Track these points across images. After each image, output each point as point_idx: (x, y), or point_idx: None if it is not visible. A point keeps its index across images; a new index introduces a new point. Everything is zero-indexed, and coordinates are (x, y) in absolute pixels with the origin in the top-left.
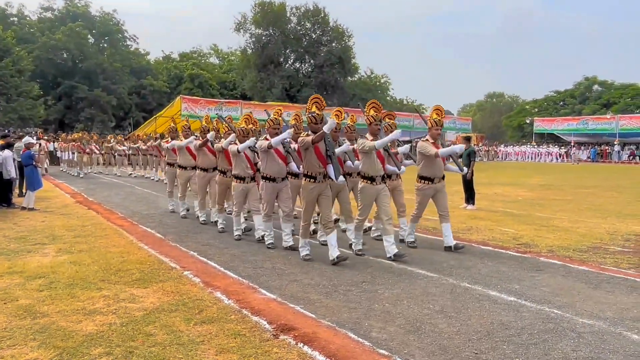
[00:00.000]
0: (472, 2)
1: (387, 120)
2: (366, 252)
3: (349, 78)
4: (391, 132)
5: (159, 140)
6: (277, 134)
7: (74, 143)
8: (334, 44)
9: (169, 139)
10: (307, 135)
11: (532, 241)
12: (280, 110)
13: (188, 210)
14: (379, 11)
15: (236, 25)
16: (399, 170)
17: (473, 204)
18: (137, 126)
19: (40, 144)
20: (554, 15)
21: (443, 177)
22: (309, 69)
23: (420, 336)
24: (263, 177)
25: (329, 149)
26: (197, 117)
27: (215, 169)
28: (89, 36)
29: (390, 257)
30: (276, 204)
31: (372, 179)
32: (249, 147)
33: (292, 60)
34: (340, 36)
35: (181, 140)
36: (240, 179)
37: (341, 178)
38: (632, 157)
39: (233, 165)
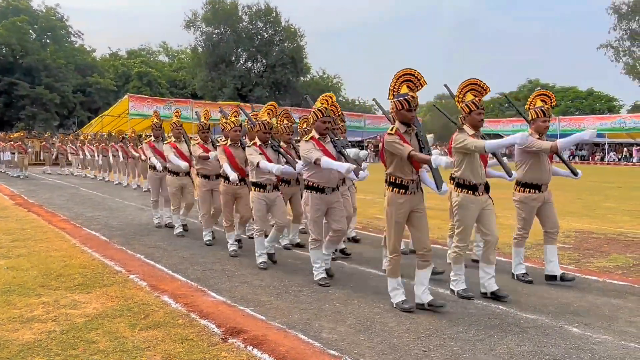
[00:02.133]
0: (420, 5)
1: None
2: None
3: (302, 78)
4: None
5: (132, 140)
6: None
7: (12, 143)
8: (285, 44)
9: (152, 138)
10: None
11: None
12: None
13: (185, 226)
14: (329, 14)
15: (186, 23)
16: (510, 175)
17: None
18: (81, 125)
19: None
20: (498, 20)
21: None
22: (261, 69)
23: (371, 335)
24: (309, 188)
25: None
26: (145, 116)
27: (218, 176)
28: (31, 31)
29: (487, 293)
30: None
31: (474, 188)
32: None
33: (243, 60)
34: (292, 36)
35: (169, 140)
36: (261, 187)
37: (444, 187)
38: (572, 157)
39: (250, 170)
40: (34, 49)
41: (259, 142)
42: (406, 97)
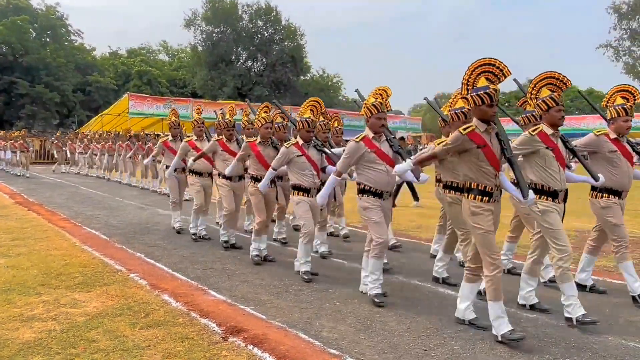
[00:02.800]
0: (418, 3)
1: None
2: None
3: (302, 77)
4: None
5: (141, 139)
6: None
7: (13, 142)
8: (286, 43)
9: (169, 137)
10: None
11: None
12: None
13: (205, 234)
14: (329, 13)
15: (186, 22)
16: (597, 180)
17: (417, 200)
18: (81, 124)
19: None
20: (497, 18)
21: None
22: (261, 68)
23: (371, 334)
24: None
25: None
26: (144, 115)
27: (241, 177)
28: (31, 30)
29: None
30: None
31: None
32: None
33: (244, 59)
34: (292, 35)
35: (193, 139)
36: (304, 191)
37: (531, 195)
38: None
39: (289, 171)
40: (33, 48)
41: (300, 142)
42: (487, 91)
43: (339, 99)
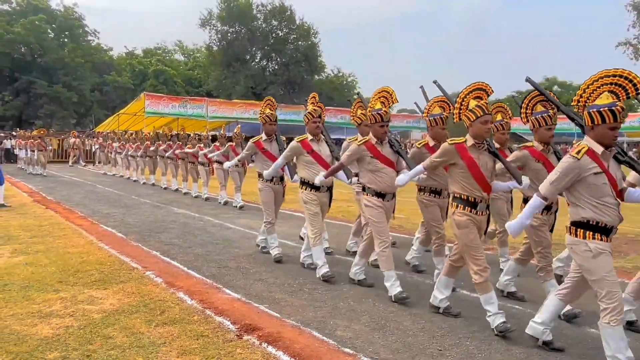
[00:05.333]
0: (432, 2)
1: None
2: (334, 250)
3: (316, 76)
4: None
5: (182, 139)
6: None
7: (32, 141)
8: (300, 42)
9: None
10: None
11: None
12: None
13: (309, 262)
14: (343, 11)
15: (201, 22)
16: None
17: None
18: (98, 123)
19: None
20: (514, 16)
21: None
22: (276, 67)
23: (385, 334)
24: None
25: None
26: (160, 114)
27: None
28: (49, 30)
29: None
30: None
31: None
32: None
33: (258, 58)
34: (306, 34)
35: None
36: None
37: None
38: None
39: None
40: (52, 48)
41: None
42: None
43: (354, 97)
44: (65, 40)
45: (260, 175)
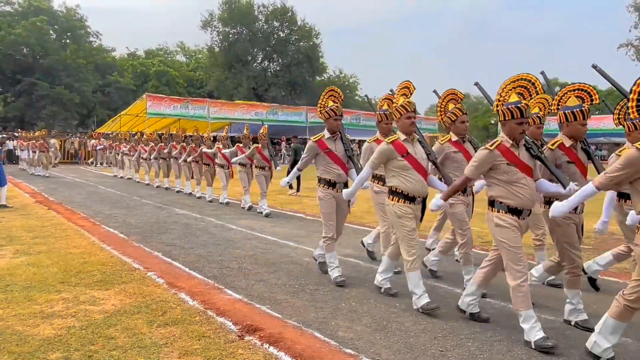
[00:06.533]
0: (434, 2)
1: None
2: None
3: (317, 77)
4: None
5: (195, 140)
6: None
7: (34, 142)
8: (301, 43)
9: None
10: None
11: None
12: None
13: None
14: (345, 12)
15: (203, 23)
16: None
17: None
18: (100, 124)
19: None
20: (515, 17)
21: None
22: (277, 68)
23: (387, 335)
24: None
25: None
26: (162, 115)
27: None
28: (51, 31)
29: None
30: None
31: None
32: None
33: (259, 59)
34: (307, 35)
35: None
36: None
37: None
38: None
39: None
40: (54, 49)
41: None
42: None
43: (355, 99)
44: (67, 41)
45: (321, 180)
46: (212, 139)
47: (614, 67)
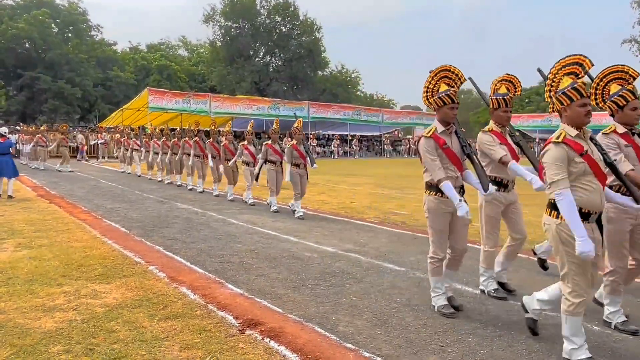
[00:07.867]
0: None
1: None
2: (337, 246)
3: (319, 72)
4: None
5: (212, 135)
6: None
7: (39, 135)
8: (303, 37)
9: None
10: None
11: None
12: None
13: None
14: (347, 7)
15: (205, 17)
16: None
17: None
18: (102, 119)
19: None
20: (517, 13)
21: None
22: (279, 63)
23: (387, 330)
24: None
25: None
26: (164, 109)
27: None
28: (53, 25)
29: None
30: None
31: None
32: None
33: (261, 54)
34: (309, 29)
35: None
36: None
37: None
38: None
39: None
40: (55, 43)
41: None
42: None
43: (357, 94)
44: (69, 35)
45: (430, 185)
46: (233, 132)
47: (618, 62)
